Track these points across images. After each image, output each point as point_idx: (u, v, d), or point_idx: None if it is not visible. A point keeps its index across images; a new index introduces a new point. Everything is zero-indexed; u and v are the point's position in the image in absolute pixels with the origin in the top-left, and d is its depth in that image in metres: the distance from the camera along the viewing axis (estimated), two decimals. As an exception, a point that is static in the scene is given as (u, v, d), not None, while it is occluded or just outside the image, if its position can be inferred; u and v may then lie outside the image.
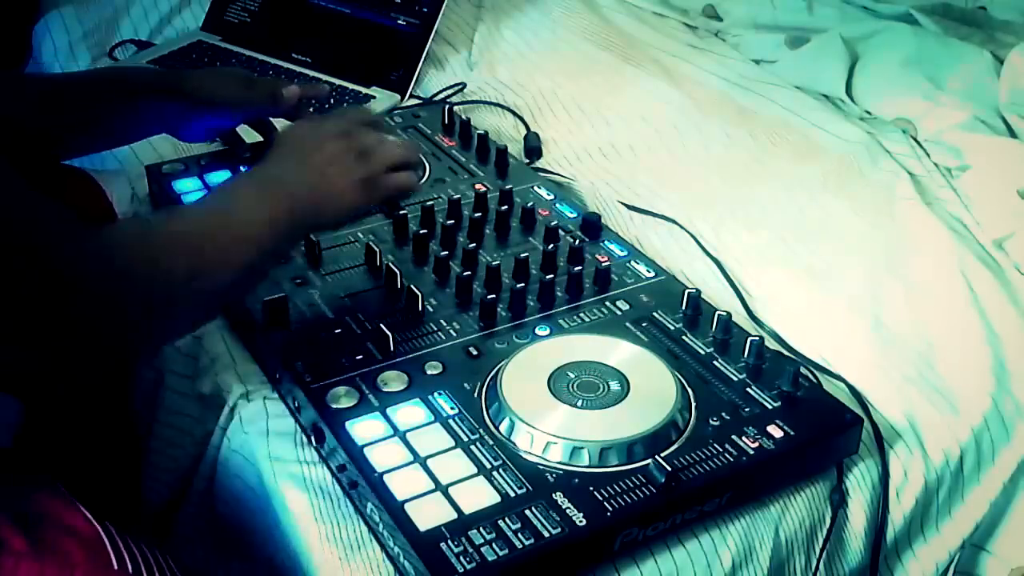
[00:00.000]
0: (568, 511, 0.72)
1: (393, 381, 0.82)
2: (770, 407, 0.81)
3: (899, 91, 1.37)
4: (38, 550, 0.66)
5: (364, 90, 1.35)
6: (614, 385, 0.81)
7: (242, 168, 1.11)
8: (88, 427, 1.09)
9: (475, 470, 0.75)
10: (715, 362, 0.86)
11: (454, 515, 0.71)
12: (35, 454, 1.03)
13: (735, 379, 0.84)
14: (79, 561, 0.67)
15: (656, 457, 0.75)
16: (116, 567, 0.68)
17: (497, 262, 0.94)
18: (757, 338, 0.86)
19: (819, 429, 0.81)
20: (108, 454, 1.07)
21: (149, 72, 1.19)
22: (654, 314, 0.91)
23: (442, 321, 0.89)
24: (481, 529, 0.70)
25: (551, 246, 0.97)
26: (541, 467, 0.75)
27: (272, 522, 0.81)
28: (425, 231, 0.99)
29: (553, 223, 1.01)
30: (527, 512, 0.71)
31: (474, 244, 0.98)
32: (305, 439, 0.83)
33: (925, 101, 1.34)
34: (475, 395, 0.81)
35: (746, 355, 0.86)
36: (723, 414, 0.80)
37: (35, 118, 0.99)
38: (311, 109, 1.16)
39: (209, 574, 0.92)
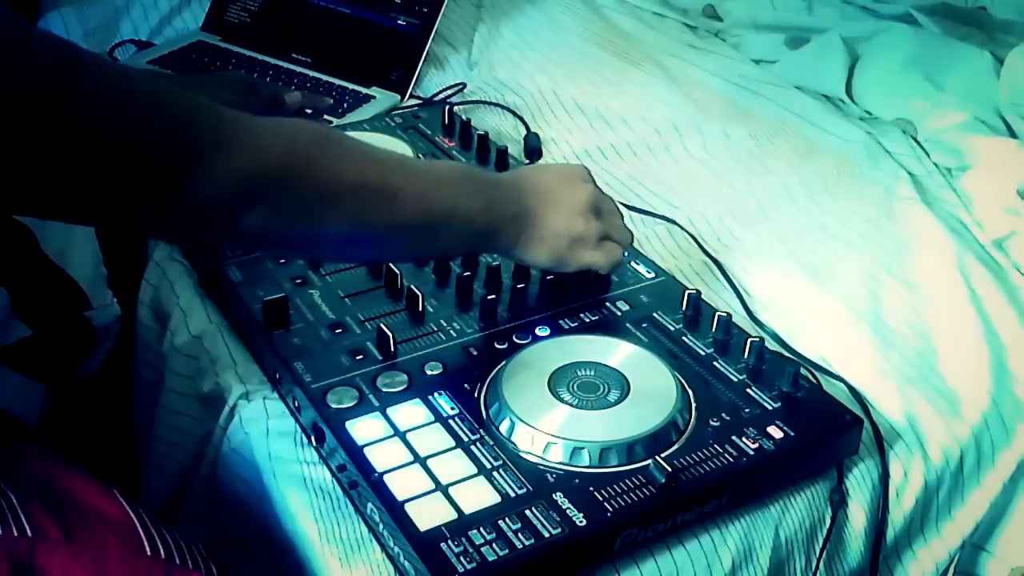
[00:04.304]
0: (568, 511, 0.72)
1: (393, 381, 0.82)
2: (770, 408, 0.81)
3: (899, 91, 1.37)
4: (71, 537, 0.66)
5: (364, 90, 1.35)
6: (614, 385, 0.81)
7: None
8: (97, 421, 1.09)
9: (475, 470, 0.75)
10: (715, 363, 0.86)
11: (454, 515, 0.71)
12: (58, 439, 1.03)
13: (735, 380, 0.84)
14: (112, 548, 0.67)
15: (656, 457, 0.75)
16: (149, 553, 0.68)
17: (497, 262, 0.94)
18: (757, 339, 0.86)
19: (819, 430, 0.81)
20: (108, 454, 1.07)
21: None
22: (654, 314, 0.91)
23: (442, 321, 0.89)
24: (481, 529, 0.70)
25: (551, 246, 0.97)
26: (541, 467, 0.75)
27: (272, 522, 0.81)
28: (425, 231, 0.99)
29: (553, 223, 1.01)
30: (527, 512, 0.71)
31: (474, 244, 0.98)
32: (305, 439, 0.83)
33: (925, 101, 1.34)
34: (475, 395, 0.81)
35: (746, 356, 0.86)
36: (723, 415, 0.80)
37: None
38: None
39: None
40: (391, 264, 0.94)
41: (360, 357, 0.85)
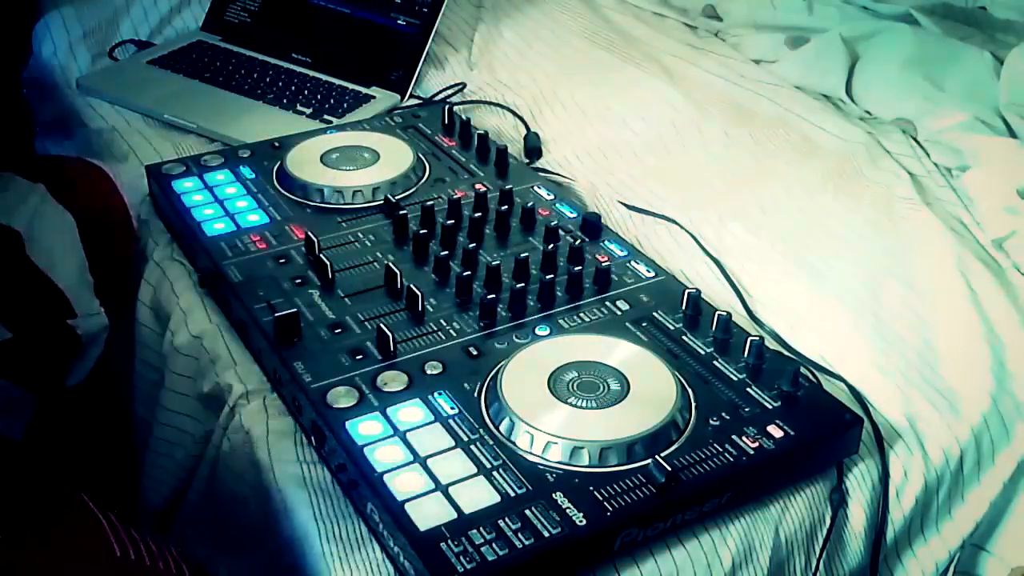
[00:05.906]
0: (568, 511, 0.72)
1: (393, 381, 0.82)
2: (770, 407, 0.81)
3: (899, 91, 1.37)
4: (43, 540, 0.66)
5: (364, 90, 1.35)
6: (614, 385, 0.81)
7: (242, 168, 1.12)
8: (89, 426, 1.09)
9: (475, 470, 0.75)
10: (715, 362, 0.86)
11: (454, 515, 0.71)
12: (43, 448, 1.03)
13: (735, 379, 0.84)
14: (85, 550, 0.67)
15: (656, 457, 0.75)
16: (119, 555, 0.68)
17: (497, 262, 0.94)
18: (757, 338, 0.86)
19: (819, 429, 0.81)
20: (108, 454, 1.07)
21: None
22: (654, 314, 0.91)
23: (442, 321, 0.89)
24: (481, 529, 0.70)
25: (551, 246, 0.97)
26: (541, 467, 0.75)
27: (272, 522, 0.81)
28: (425, 231, 0.99)
29: (553, 223, 1.01)
30: (527, 512, 0.71)
31: (474, 244, 0.98)
32: (305, 439, 0.83)
33: (925, 101, 1.34)
34: (475, 395, 0.81)
35: (746, 355, 0.86)
36: (723, 414, 0.80)
37: None
38: None
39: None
40: (391, 264, 0.94)
41: (360, 357, 0.85)
